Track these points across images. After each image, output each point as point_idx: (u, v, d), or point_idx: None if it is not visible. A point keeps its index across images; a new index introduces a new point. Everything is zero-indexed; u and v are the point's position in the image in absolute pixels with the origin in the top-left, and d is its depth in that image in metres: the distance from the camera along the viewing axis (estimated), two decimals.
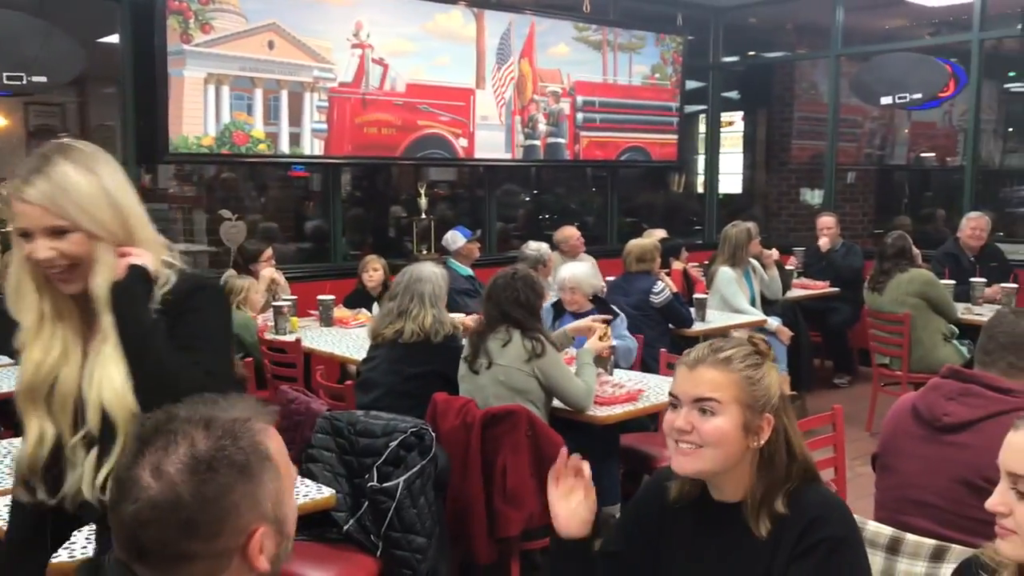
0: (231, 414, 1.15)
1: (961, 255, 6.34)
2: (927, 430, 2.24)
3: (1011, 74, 10.74)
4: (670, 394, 1.70)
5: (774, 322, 5.94)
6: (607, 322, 4.15)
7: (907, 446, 2.28)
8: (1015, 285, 5.82)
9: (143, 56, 5.50)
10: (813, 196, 9.10)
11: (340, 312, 5.47)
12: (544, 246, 6.04)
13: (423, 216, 6.57)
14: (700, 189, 9.60)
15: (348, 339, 4.97)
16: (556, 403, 3.60)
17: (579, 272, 4.61)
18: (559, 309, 4.67)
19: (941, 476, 2.18)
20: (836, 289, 6.85)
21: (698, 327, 5.46)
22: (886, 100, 7.33)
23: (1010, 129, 13.09)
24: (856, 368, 7.02)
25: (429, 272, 3.90)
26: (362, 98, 6.16)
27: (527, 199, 10.19)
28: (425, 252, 6.55)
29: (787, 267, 6.92)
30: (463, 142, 6.69)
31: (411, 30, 6.35)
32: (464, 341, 3.75)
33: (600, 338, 3.84)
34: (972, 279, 5.99)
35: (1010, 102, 11.96)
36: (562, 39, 7.14)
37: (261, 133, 5.81)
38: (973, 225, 6.30)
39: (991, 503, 1.42)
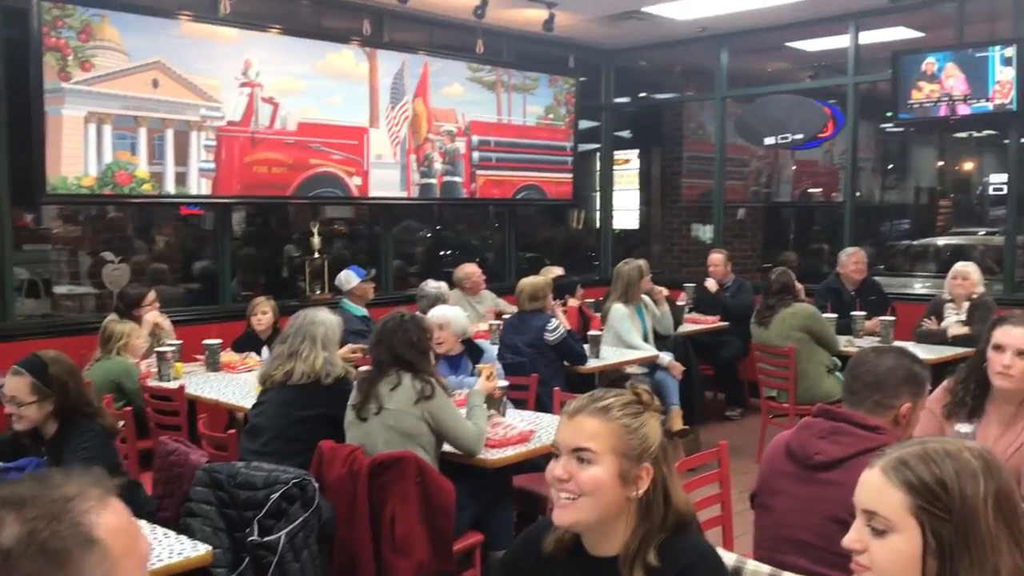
0: (57, 492, 1.05)
1: (842, 289, 6.58)
2: (800, 469, 2.29)
3: (888, 114, 11.37)
4: (553, 444, 1.72)
5: (666, 357, 6.05)
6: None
7: (782, 485, 2.32)
8: (892, 318, 6.06)
9: (18, 93, 5.28)
10: (705, 232, 9.35)
11: (228, 356, 5.32)
12: (443, 285, 6.02)
13: (316, 255, 6.48)
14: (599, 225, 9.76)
15: (235, 384, 4.82)
16: (447, 447, 3.57)
17: (449, 311, 4.62)
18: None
19: (814, 514, 2.23)
20: (726, 323, 7.02)
21: (593, 364, 5.51)
22: (769, 140, 7.62)
23: (890, 166, 13.79)
24: (747, 400, 7.19)
25: (323, 316, 3.89)
26: (251, 137, 6.05)
27: (427, 236, 10.19)
28: (318, 292, 6.46)
29: (678, 303, 7.08)
30: (357, 180, 6.63)
31: (302, 69, 6.28)
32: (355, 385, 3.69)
33: (487, 378, 3.82)
34: (853, 312, 6.22)
35: (887, 142, 12.62)
36: (456, 79, 7.19)
37: (145, 173, 5.64)
38: (856, 260, 6.56)
39: (847, 540, 1.44)
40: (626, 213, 9.63)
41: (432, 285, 5.96)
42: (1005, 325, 2.85)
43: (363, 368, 3.84)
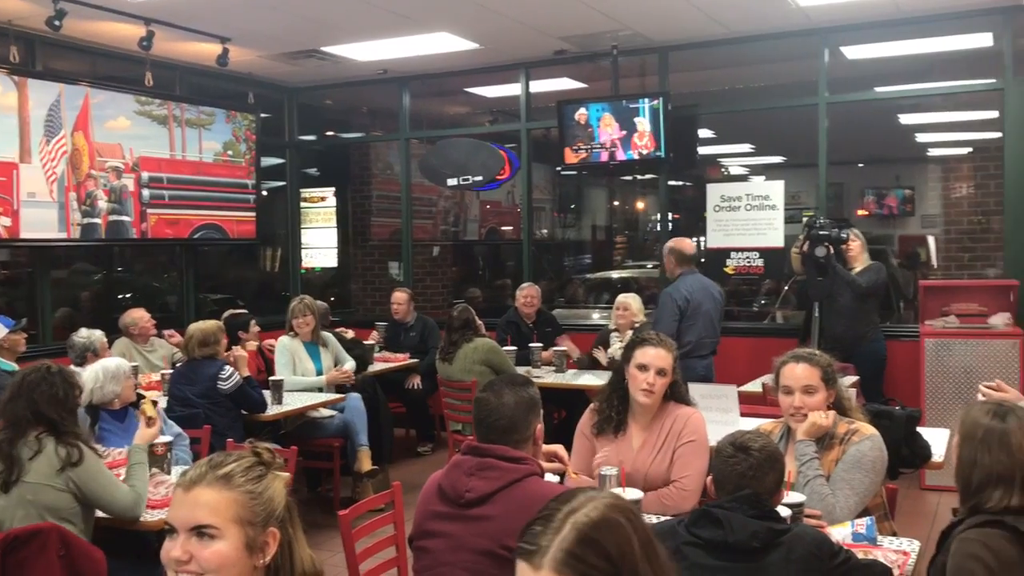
0: None
1: (520, 322, 6.92)
2: (453, 507, 2.32)
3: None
4: (166, 521, 1.58)
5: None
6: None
7: (436, 526, 2.34)
8: (563, 348, 6.47)
9: None
10: (400, 271, 9.45)
11: None
12: (95, 333, 5.54)
13: None
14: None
15: None
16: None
17: (110, 365, 4.13)
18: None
19: (467, 551, 2.27)
20: (416, 360, 7.11)
21: (275, 410, 5.33)
22: (452, 182, 7.86)
23: (572, 206, 14.78)
24: (438, 435, 7.30)
25: None
26: None
27: (100, 280, 9.38)
28: None
29: (367, 342, 7.07)
30: (5, 221, 5.96)
31: None
32: None
33: (148, 420, 3.53)
34: (531, 344, 6.55)
35: (564, 184, 13.53)
36: (122, 112, 6.70)
37: None
38: (525, 294, 6.96)
39: None
40: (325, 251, 9.45)
41: (82, 335, 5.50)
42: (645, 346, 3.10)
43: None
